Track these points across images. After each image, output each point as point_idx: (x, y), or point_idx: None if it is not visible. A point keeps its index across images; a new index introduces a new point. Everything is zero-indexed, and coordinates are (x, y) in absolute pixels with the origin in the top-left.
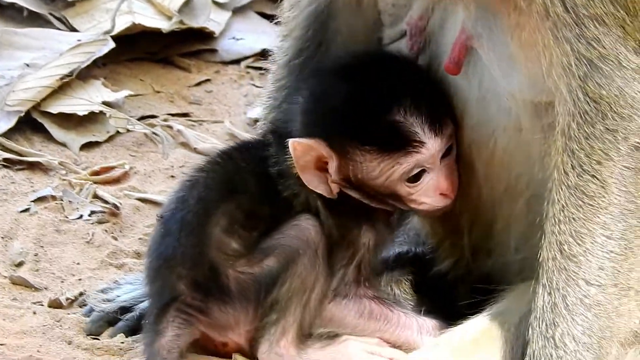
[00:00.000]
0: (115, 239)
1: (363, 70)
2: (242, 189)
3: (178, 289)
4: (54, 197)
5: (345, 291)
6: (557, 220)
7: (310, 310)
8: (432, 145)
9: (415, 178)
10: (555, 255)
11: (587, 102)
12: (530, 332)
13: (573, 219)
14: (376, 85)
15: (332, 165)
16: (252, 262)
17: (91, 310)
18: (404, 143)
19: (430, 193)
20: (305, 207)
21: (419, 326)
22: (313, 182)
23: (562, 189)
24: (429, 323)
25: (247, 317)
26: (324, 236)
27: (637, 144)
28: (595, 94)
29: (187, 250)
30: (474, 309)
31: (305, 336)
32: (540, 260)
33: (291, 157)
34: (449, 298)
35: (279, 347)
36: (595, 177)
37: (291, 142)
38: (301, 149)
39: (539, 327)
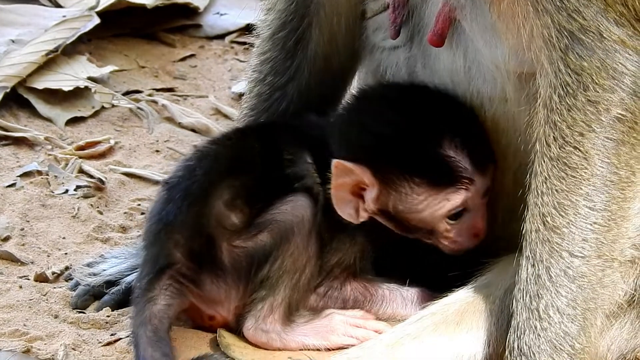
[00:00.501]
0: (101, 213)
1: (414, 101)
2: (250, 168)
3: (174, 257)
4: (39, 172)
5: (329, 282)
6: (539, 192)
7: (299, 290)
8: (479, 184)
9: (456, 216)
10: (539, 227)
11: (569, 73)
12: (514, 304)
13: (556, 190)
14: (428, 117)
15: (371, 194)
16: (246, 237)
17: (77, 284)
18: (456, 179)
19: (465, 232)
20: (307, 190)
21: (403, 299)
22: (343, 205)
23: (544, 161)
24: (414, 294)
25: (238, 293)
26: (320, 217)
27: (619, 116)
28: (576, 66)
29: (187, 220)
30: (459, 282)
31: (291, 313)
32: (523, 232)
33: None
34: (434, 270)
35: (265, 323)
36: (578, 148)
37: (336, 162)
38: (343, 170)
39: (523, 299)
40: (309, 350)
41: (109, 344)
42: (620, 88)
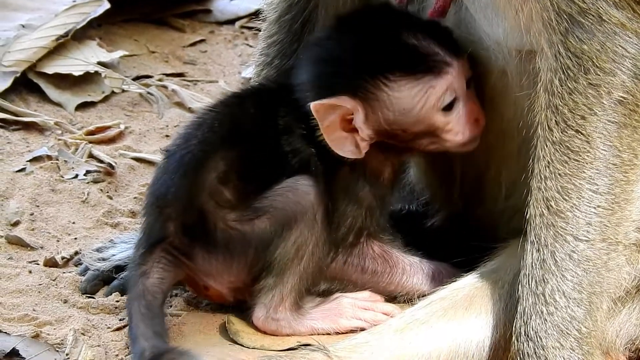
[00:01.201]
0: (111, 198)
1: (365, 19)
2: (246, 137)
3: (167, 230)
4: (49, 157)
5: (347, 250)
6: (543, 176)
7: (309, 275)
8: (457, 68)
9: (449, 106)
10: (543, 211)
11: (569, 57)
12: (520, 289)
13: (559, 174)
14: (381, 23)
15: (359, 118)
16: (242, 219)
17: (86, 269)
18: (431, 63)
19: (465, 120)
20: (304, 166)
21: (424, 273)
22: (340, 145)
23: (547, 145)
24: (436, 269)
25: (231, 270)
26: (323, 198)
27: (621, 98)
28: (577, 49)
29: (180, 192)
30: (468, 267)
31: (301, 299)
32: (527, 217)
33: (310, 118)
34: (442, 255)
35: (275, 312)
36: (580, 132)
37: (312, 105)
38: (324, 110)
39: (529, 284)
40: (318, 334)
41: (118, 329)
42: (621, 71)
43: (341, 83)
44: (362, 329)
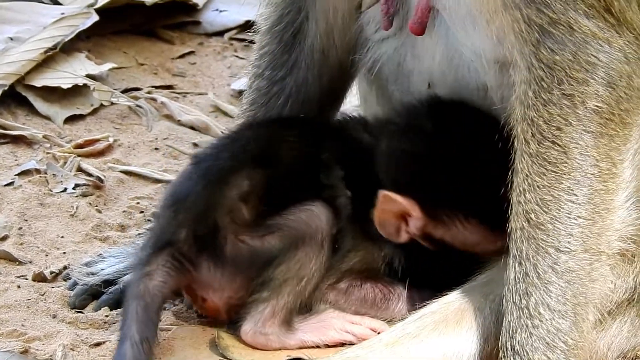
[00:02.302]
0: (100, 212)
1: (467, 138)
2: (276, 162)
3: (178, 235)
4: (38, 171)
5: (351, 280)
6: (522, 189)
7: (303, 297)
8: None
9: None
10: (523, 224)
11: (542, 68)
12: (504, 303)
13: (537, 187)
14: (483, 156)
15: (417, 223)
16: (254, 235)
17: (75, 284)
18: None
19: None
20: (333, 201)
21: (414, 300)
22: (383, 226)
23: (524, 158)
24: (423, 296)
25: (233, 285)
26: (334, 227)
27: (596, 107)
28: (549, 60)
29: (198, 202)
30: (459, 280)
31: (292, 317)
32: (508, 231)
33: None
34: (433, 269)
35: (264, 327)
36: (556, 143)
37: (383, 194)
38: (389, 202)
39: (513, 298)
40: (307, 348)
41: (98, 344)
42: (595, 80)
43: (421, 192)
44: (351, 343)
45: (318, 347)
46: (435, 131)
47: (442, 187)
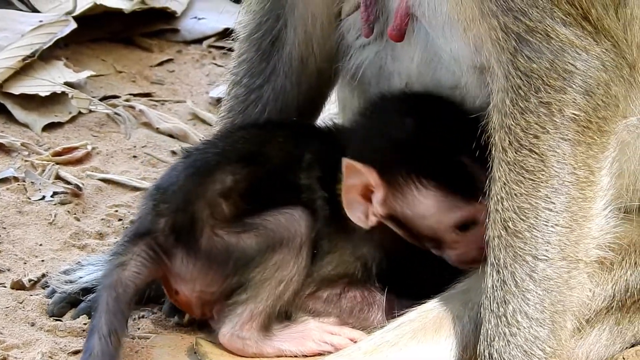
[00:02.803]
0: (78, 219)
1: (429, 109)
2: (263, 161)
3: (156, 225)
4: (16, 179)
5: (331, 288)
6: (499, 197)
7: (282, 301)
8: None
9: (465, 227)
10: (501, 232)
11: (519, 76)
12: (482, 311)
13: (515, 195)
14: (447, 127)
15: (378, 197)
16: (230, 231)
17: (53, 292)
18: (469, 189)
19: (473, 245)
20: (311, 203)
21: (394, 309)
22: (351, 207)
23: (501, 166)
24: (402, 304)
25: (204, 279)
26: (313, 233)
27: (573, 115)
28: (526, 68)
29: (179, 192)
30: (438, 288)
31: (270, 322)
32: (486, 239)
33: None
34: (409, 271)
35: (242, 330)
36: (533, 151)
37: (345, 161)
38: (351, 171)
39: (490, 306)
40: (285, 356)
41: (76, 352)
42: (572, 88)
43: (378, 158)
44: (329, 353)
45: (296, 356)
46: (392, 100)
47: (396, 149)
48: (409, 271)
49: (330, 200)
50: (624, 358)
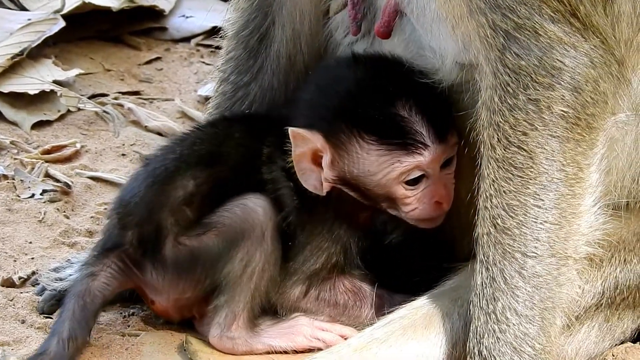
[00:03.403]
0: (67, 217)
1: (369, 67)
2: (222, 161)
3: (124, 238)
4: (5, 177)
5: (320, 284)
6: (488, 195)
7: (261, 293)
8: (434, 150)
9: (414, 182)
10: (490, 230)
11: (508, 73)
12: (471, 308)
13: (504, 192)
14: (383, 81)
15: (326, 159)
16: (191, 235)
17: (43, 289)
18: (408, 141)
19: (425, 200)
20: (280, 197)
21: (392, 305)
22: (305, 176)
23: (490, 164)
24: (404, 301)
25: (177, 288)
26: (273, 216)
27: (562, 112)
28: (514, 65)
29: (142, 203)
30: (428, 286)
31: (255, 317)
32: (475, 236)
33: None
34: (402, 275)
35: (230, 331)
36: (522, 148)
37: (290, 130)
38: (298, 139)
39: (480, 303)
40: (275, 352)
41: None
42: (560, 85)
43: (321, 121)
44: (319, 349)
45: (286, 352)
46: (330, 66)
47: (336, 109)
48: (390, 251)
49: (297, 189)
50: (613, 355)
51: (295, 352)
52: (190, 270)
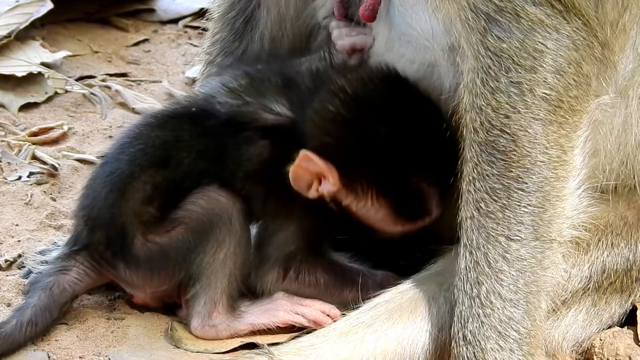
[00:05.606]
0: (54, 200)
1: (401, 118)
2: (181, 156)
3: (93, 238)
4: None
5: (298, 266)
6: (471, 178)
7: (237, 277)
8: (435, 214)
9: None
10: (473, 213)
11: (489, 56)
12: (455, 292)
13: (487, 175)
14: (412, 141)
15: (329, 188)
16: (160, 233)
17: (30, 272)
18: (418, 214)
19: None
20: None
21: (374, 283)
22: (296, 180)
23: (473, 147)
24: (384, 278)
25: (152, 283)
26: (238, 203)
27: (544, 95)
28: (496, 48)
29: (104, 208)
30: (413, 269)
31: (234, 301)
32: (459, 220)
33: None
34: (387, 257)
35: (211, 319)
36: (504, 131)
37: (305, 153)
38: (310, 162)
39: (464, 287)
40: (258, 331)
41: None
42: (543, 67)
43: (343, 162)
44: (302, 327)
45: (270, 329)
46: (373, 104)
47: (365, 162)
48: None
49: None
50: (600, 339)
51: (279, 328)
52: (163, 266)
